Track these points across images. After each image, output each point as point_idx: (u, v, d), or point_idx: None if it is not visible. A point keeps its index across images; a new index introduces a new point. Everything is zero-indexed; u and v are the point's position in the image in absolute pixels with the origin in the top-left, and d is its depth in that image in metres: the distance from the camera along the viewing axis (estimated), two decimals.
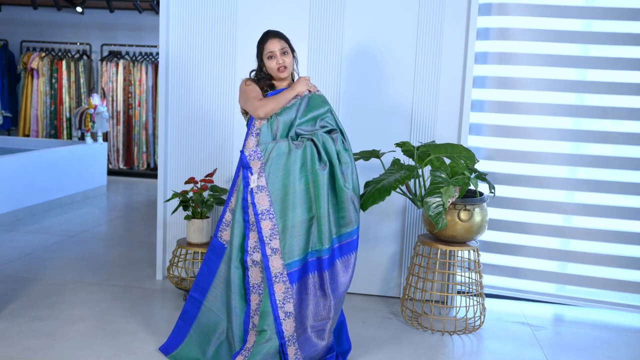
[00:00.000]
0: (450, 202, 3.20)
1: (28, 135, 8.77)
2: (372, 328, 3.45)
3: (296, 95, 2.87)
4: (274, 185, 2.74)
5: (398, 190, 3.35)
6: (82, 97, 8.76)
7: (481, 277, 3.49)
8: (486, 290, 3.91)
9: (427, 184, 3.40)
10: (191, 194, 3.76)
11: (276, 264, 2.73)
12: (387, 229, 3.92)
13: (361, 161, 3.65)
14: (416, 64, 3.77)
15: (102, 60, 8.69)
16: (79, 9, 8.62)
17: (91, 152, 7.11)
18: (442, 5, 3.70)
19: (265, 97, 2.84)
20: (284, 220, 2.74)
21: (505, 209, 3.92)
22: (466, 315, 3.50)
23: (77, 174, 6.79)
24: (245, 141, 2.86)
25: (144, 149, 8.70)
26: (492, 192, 3.42)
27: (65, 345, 3.02)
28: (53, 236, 5.17)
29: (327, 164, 2.80)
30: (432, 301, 3.59)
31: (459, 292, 3.80)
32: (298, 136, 2.85)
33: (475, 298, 3.56)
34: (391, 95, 3.82)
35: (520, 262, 3.94)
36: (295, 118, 2.85)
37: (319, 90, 2.98)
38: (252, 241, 2.79)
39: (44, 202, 6.17)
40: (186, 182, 3.78)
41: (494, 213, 3.90)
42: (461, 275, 3.60)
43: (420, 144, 3.53)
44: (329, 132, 2.90)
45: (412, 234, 3.89)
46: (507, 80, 3.83)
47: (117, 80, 8.64)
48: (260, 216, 2.73)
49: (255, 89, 2.87)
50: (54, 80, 8.72)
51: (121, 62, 8.61)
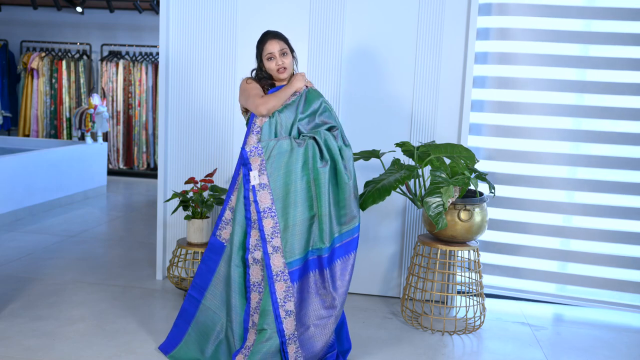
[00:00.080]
0: (450, 202, 3.20)
1: (28, 135, 8.77)
2: (372, 328, 3.45)
3: (295, 91, 2.87)
4: (275, 184, 2.74)
5: (398, 190, 3.35)
6: (82, 97, 8.76)
7: (481, 277, 3.49)
8: (486, 290, 3.91)
9: (427, 184, 3.41)
10: (191, 194, 3.76)
11: (277, 263, 2.73)
12: (387, 229, 3.92)
13: (361, 161, 3.65)
14: (416, 64, 3.77)
15: (102, 60, 8.69)
16: (79, 9, 8.62)
17: (91, 152, 7.10)
18: (442, 5, 3.70)
19: (266, 95, 2.85)
20: (286, 218, 2.75)
21: (505, 209, 3.92)
22: (466, 315, 3.50)
23: (77, 174, 6.79)
24: (245, 140, 2.87)
25: (144, 149, 8.70)
26: (492, 192, 3.42)
27: (65, 345, 3.02)
28: (53, 236, 5.17)
29: (329, 161, 2.81)
30: (432, 301, 3.59)
31: (459, 292, 3.80)
32: (300, 134, 2.86)
33: (475, 298, 3.56)
34: (391, 95, 3.82)
35: (520, 262, 3.94)
36: (296, 116, 2.86)
37: (313, 85, 3.00)
38: (254, 239, 2.79)
39: (44, 202, 6.17)
40: (186, 182, 3.78)
41: (494, 213, 3.91)
42: (461, 275, 3.60)
43: (420, 144, 3.53)
44: (329, 129, 2.90)
45: (412, 234, 3.89)
46: (507, 80, 3.83)
47: (117, 80, 8.64)
48: (262, 214, 2.73)
49: (257, 86, 2.87)
50: (54, 80, 8.72)
51: (121, 62, 8.61)
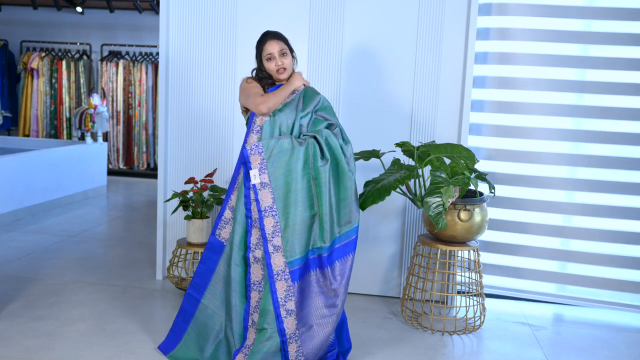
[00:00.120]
0: (450, 202, 3.20)
1: (28, 135, 8.77)
2: (372, 328, 3.45)
3: (294, 90, 2.88)
4: (276, 183, 2.74)
5: (398, 190, 3.35)
6: (82, 97, 8.76)
7: (481, 277, 3.49)
8: (486, 290, 3.91)
9: (427, 184, 3.41)
10: (191, 194, 3.76)
11: (278, 262, 2.73)
12: (387, 229, 3.92)
13: (361, 161, 3.65)
14: (416, 64, 3.77)
15: (102, 60, 8.69)
16: (79, 9, 8.62)
17: (91, 152, 7.11)
18: (442, 5, 3.70)
19: (266, 93, 2.85)
20: (286, 217, 2.75)
21: (505, 209, 3.92)
22: (466, 315, 3.50)
23: (77, 174, 6.79)
24: (245, 139, 2.86)
25: (144, 149, 8.70)
26: (492, 192, 3.42)
27: (65, 345, 3.02)
28: (53, 236, 5.17)
29: (329, 160, 2.81)
30: (432, 301, 3.59)
31: (459, 292, 3.80)
32: (300, 133, 2.86)
33: (475, 298, 3.56)
34: (391, 95, 3.82)
35: (520, 262, 3.94)
36: (296, 115, 2.86)
37: (310, 84, 3.01)
38: (255, 238, 2.80)
39: (44, 202, 6.17)
40: (186, 182, 3.78)
41: (494, 213, 3.91)
42: (461, 275, 3.60)
43: (420, 144, 3.53)
44: (328, 127, 2.91)
45: (412, 234, 3.89)
46: (507, 80, 3.83)
47: (117, 80, 8.64)
48: (263, 213, 2.73)
49: (257, 86, 2.88)
50: (54, 80, 8.72)
51: (121, 62, 8.61)
